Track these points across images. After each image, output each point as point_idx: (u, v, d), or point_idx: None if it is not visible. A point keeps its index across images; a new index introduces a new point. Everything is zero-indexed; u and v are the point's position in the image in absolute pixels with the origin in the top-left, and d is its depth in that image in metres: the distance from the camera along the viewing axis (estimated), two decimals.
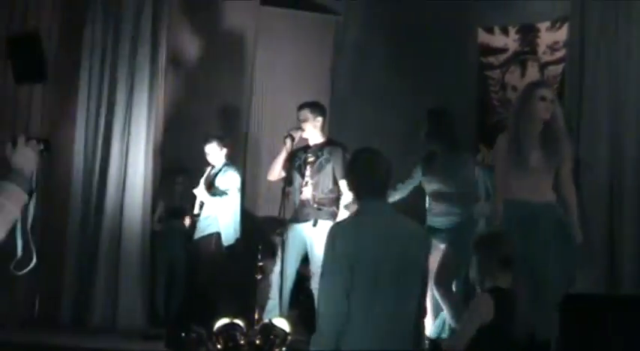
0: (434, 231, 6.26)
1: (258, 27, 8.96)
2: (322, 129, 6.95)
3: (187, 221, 7.94)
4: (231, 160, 8.08)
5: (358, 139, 8.04)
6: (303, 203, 6.78)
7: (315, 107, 6.94)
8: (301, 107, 6.95)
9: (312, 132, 6.90)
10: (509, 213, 5.52)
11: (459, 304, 6.17)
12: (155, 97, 8.11)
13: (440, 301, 6.24)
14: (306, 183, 6.80)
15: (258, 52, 8.96)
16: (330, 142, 6.93)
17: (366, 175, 4.03)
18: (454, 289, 6.35)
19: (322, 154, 6.82)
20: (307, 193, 6.76)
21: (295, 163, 6.90)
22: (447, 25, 8.62)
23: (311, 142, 6.95)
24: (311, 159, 6.83)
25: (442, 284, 6.20)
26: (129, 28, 7.99)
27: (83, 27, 8.03)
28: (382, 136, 7.88)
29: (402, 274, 3.90)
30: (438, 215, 6.42)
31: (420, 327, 4.10)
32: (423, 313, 4.10)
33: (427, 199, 6.60)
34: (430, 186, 6.53)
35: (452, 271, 6.25)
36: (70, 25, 8.12)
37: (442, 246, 6.28)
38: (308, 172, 6.81)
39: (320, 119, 6.88)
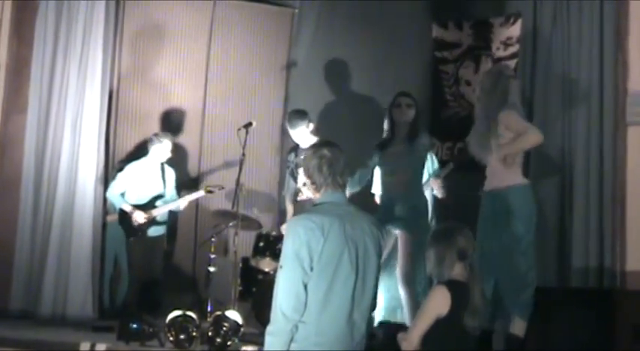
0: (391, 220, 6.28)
1: (214, 19, 8.92)
2: (314, 132, 7.21)
3: (142, 218, 7.82)
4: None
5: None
6: (304, 203, 6.79)
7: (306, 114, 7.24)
8: (295, 113, 7.20)
9: (304, 136, 7.09)
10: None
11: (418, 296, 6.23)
12: (107, 89, 8.03)
13: (402, 291, 6.26)
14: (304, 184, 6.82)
15: (213, 45, 8.91)
16: None
17: (324, 168, 4.08)
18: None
19: None
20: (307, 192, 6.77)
21: (287, 167, 6.99)
22: (401, 19, 8.65)
23: (302, 146, 7.03)
24: None
25: (405, 275, 6.23)
26: (82, 20, 7.89)
27: (36, 16, 7.92)
28: (337, 129, 7.91)
29: (361, 267, 3.96)
30: (392, 203, 6.42)
31: (371, 317, 4.14)
32: (375, 303, 4.14)
33: (381, 187, 6.63)
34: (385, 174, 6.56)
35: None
36: (22, 14, 8.02)
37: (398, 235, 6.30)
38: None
39: (312, 124, 7.18)
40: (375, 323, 6.17)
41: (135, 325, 6.43)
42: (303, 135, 7.20)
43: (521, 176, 5.89)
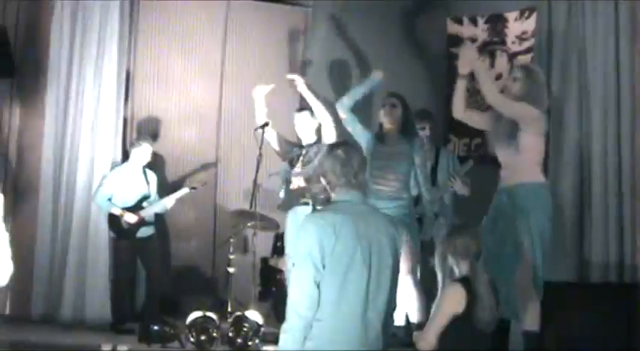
0: None
1: (228, 18, 8.93)
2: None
3: (133, 219, 7.72)
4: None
5: None
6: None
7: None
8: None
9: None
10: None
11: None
12: (123, 91, 8.05)
13: (412, 290, 6.23)
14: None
15: (228, 44, 8.93)
16: None
17: (338, 168, 4.08)
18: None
19: None
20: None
21: None
22: (416, 15, 8.64)
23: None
24: None
25: (411, 273, 6.21)
26: (96, 23, 7.91)
27: (51, 22, 7.94)
28: None
29: (375, 266, 3.95)
30: (383, 199, 6.24)
31: (390, 318, 4.12)
32: (394, 304, 4.13)
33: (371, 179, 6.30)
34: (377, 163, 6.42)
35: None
36: (38, 20, 8.05)
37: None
38: None
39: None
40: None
41: (156, 327, 6.45)
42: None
43: (541, 174, 5.76)
